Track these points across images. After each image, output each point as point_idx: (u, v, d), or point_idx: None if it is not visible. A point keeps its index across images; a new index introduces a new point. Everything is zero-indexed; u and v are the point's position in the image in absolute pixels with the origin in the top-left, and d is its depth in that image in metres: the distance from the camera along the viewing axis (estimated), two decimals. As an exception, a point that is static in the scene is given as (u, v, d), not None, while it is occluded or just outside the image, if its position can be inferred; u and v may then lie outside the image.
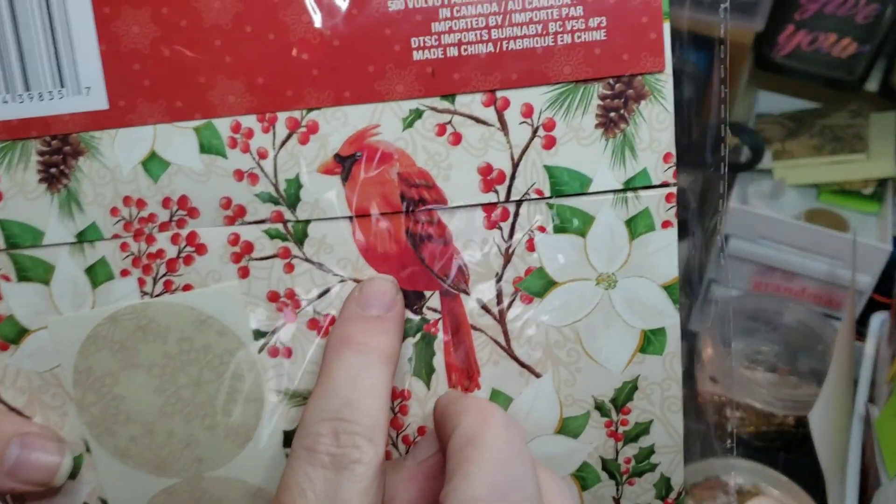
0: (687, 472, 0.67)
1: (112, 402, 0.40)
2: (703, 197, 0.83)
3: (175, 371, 0.39)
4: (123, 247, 0.38)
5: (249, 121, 0.37)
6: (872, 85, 0.81)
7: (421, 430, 0.40)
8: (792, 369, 0.79)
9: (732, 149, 0.85)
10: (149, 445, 0.40)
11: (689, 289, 0.85)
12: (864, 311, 0.77)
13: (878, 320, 0.70)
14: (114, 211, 0.38)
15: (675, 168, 0.37)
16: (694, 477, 0.68)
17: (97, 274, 0.38)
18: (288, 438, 0.40)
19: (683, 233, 0.78)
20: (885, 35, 0.77)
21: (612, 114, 0.36)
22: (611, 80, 0.36)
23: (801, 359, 0.79)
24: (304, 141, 0.37)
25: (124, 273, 0.38)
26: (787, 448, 0.76)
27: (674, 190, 0.37)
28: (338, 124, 0.36)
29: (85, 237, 0.38)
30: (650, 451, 0.40)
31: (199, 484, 0.41)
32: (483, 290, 0.38)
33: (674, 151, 0.37)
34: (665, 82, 0.36)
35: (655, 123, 0.36)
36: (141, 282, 0.38)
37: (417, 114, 0.36)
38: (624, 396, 0.40)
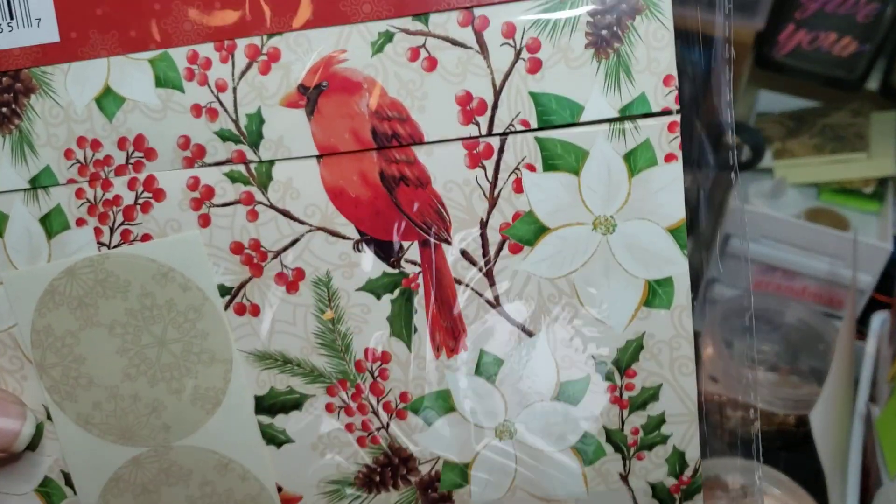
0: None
1: (73, 363, 0.37)
2: (706, 196, 0.81)
3: (138, 329, 0.36)
4: (79, 193, 0.35)
5: (207, 49, 0.33)
6: (873, 84, 0.80)
7: (403, 397, 0.36)
8: (793, 368, 0.76)
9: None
10: (113, 411, 0.37)
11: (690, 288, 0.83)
12: (864, 311, 0.76)
13: (878, 319, 0.69)
14: (68, 153, 0.35)
15: (676, 92, 0.32)
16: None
17: (52, 223, 0.35)
18: (259, 404, 0.36)
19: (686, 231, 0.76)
20: (886, 34, 0.76)
21: (604, 31, 0.32)
22: (601, -7, 0.32)
23: (801, 358, 0.77)
24: (265, 70, 0.33)
25: (80, 222, 0.35)
26: (788, 447, 0.73)
27: (677, 118, 0.32)
28: (301, 51, 0.33)
29: (39, 183, 0.35)
30: (660, 419, 0.35)
31: (168, 454, 0.37)
32: (467, 239, 0.34)
33: (675, 73, 0.32)
34: (663, -7, 0.32)
35: (653, 41, 0.32)
36: (97, 231, 0.35)
37: (388, 37, 0.32)
38: (628, 357, 0.35)
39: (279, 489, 0.37)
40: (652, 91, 0.32)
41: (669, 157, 0.33)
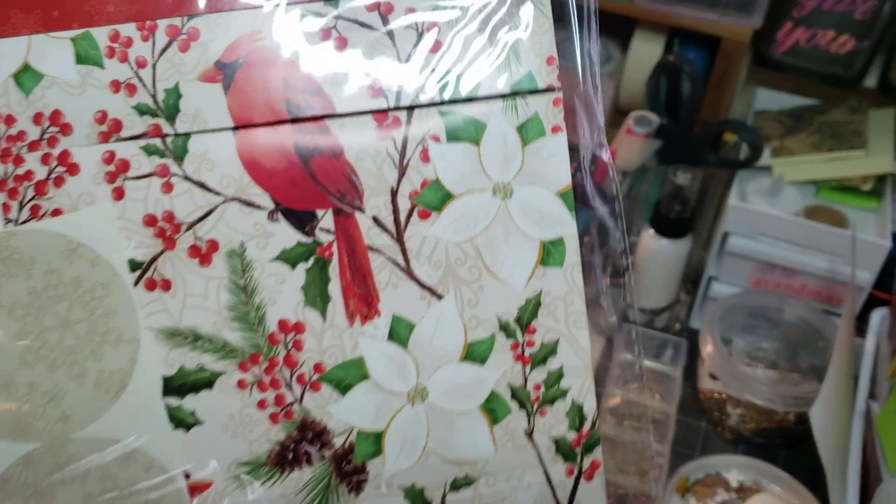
0: (688, 469, 0.62)
1: (-36, 351, 0.34)
2: (703, 194, 0.81)
3: (40, 310, 0.34)
4: (-13, 169, 0.34)
5: (128, 29, 0.34)
6: (871, 81, 0.79)
7: (317, 368, 0.36)
8: (792, 366, 0.75)
9: (731, 146, 0.82)
10: (5, 403, 0.34)
11: (690, 286, 0.82)
12: (863, 308, 0.73)
13: (877, 316, 0.67)
14: (-22, 128, 0.34)
15: (558, 72, 0.36)
16: (695, 473, 0.64)
17: (-45, 200, 0.34)
18: (167, 385, 0.35)
19: (685, 231, 0.75)
20: (884, 31, 0.74)
21: (495, 18, 0.36)
22: (491, -15, 0.36)
23: (801, 355, 0.76)
24: (184, 48, 0.34)
25: (-14, 198, 0.34)
26: (788, 445, 0.72)
27: (560, 95, 0.36)
28: (220, 31, 0.34)
29: (-56, 158, 0.34)
30: (559, 374, 0.37)
31: (64, 448, 0.35)
32: (378, 207, 0.36)
33: (556, 55, 0.36)
34: (542, -12, 0.36)
35: (536, 27, 0.36)
36: (5, 208, 0.34)
37: (301, 18, 0.35)
38: (528, 314, 0.36)
39: (187, 476, 0.35)
40: (537, 70, 0.36)
41: (555, 129, 0.36)
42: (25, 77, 0.34)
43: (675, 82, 0.76)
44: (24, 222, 0.34)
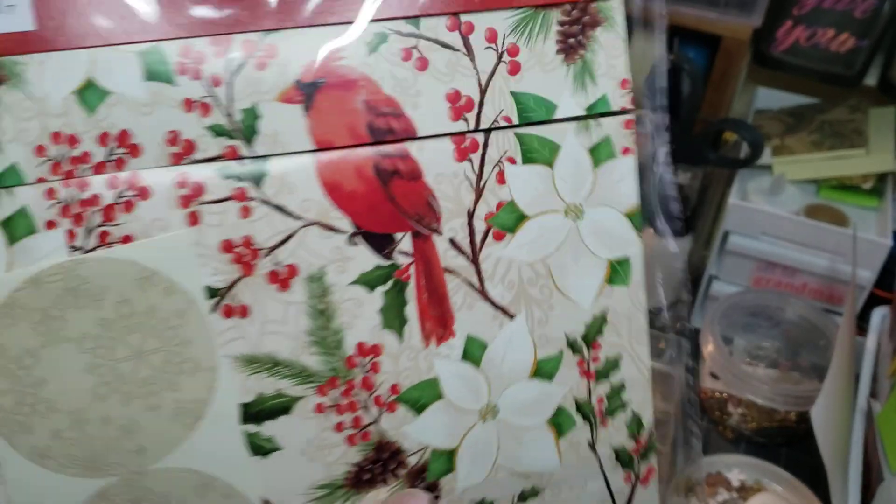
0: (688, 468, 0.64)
1: (30, 388, 0.31)
2: (703, 193, 0.80)
3: (112, 342, 0.32)
4: (49, 193, 0.31)
5: (201, 44, 0.31)
6: (871, 80, 0.77)
7: (394, 389, 0.35)
8: (793, 365, 0.74)
9: (732, 145, 0.81)
10: (77, 440, 0.32)
11: (690, 285, 0.81)
12: (864, 306, 0.73)
13: (878, 315, 0.67)
14: (39, 150, 0.30)
15: (631, 94, 0.36)
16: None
17: (15, 227, 0.31)
18: (246, 413, 0.34)
19: (685, 230, 0.73)
20: (884, 29, 0.73)
21: (571, 40, 0.35)
22: (568, 7, 0.35)
23: (802, 354, 0.75)
24: (261, 66, 0.32)
25: (50, 225, 0.31)
26: (790, 444, 0.72)
27: (632, 117, 0.36)
28: (299, 49, 0.32)
29: (2, 182, 0.30)
30: (621, 386, 0.38)
31: (141, 481, 0.33)
32: (455, 229, 0.35)
33: (630, 78, 0.36)
34: (617, 10, 0.35)
35: (611, 50, 0.35)
36: (70, 235, 0.31)
37: (382, 38, 0.33)
38: (594, 331, 0.37)
39: (266, 503, 0.34)
40: (612, 92, 0.35)
41: (626, 151, 0.36)
42: (89, 94, 0.31)
43: (675, 81, 0.75)
44: (91, 250, 0.31)
